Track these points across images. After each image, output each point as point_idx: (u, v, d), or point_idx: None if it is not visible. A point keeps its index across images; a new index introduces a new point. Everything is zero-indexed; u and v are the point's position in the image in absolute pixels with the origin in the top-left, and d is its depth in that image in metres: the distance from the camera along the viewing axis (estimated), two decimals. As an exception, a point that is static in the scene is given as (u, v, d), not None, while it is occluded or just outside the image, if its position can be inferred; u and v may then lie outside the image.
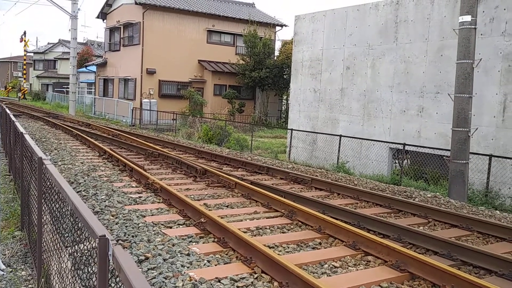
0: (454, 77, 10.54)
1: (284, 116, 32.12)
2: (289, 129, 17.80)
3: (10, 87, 61.16)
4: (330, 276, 4.73)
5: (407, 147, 12.74)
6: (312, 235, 6.02)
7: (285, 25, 36.20)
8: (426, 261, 4.72)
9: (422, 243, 5.87)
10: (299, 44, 18.33)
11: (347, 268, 4.98)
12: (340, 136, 14.78)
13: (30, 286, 4.70)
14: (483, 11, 12.00)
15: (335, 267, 4.97)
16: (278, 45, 35.36)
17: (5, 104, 24.98)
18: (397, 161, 14.27)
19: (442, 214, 7.43)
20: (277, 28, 35.81)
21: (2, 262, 5.12)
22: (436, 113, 13.23)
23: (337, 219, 6.55)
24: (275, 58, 32.13)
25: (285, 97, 33.03)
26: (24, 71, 55.15)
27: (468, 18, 9.89)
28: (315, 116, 17.39)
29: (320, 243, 5.80)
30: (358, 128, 15.56)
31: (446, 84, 12.89)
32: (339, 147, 14.66)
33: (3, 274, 4.94)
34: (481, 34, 11.92)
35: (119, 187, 8.34)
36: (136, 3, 29.60)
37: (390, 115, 14.54)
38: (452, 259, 5.38)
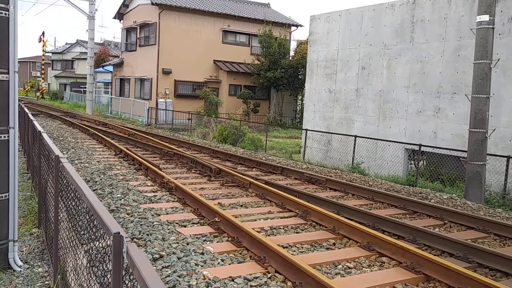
0: (471, 77, 10.41)
1: (299, 116, 32.05)
2: (303, 129, 17.75)
3: (29, 87, 62.03)
4: (344, 276, 4.72)
5: (423, 148, 12.62)
6: (326, 236, 6.01)
7: (301, 25, 36.11)
8: (441, 263, 4.68)
9: (438, 244, 5.81)
10: (314, 44, 18.28)
11: (361, 269, 4.96)
12: (355, 136, 14.69)
13: (46, 282, 4.77)
14: (501, 11, 11.82)
15: (349, 267, 4.96)
16: (293, 45, 35.35)
17: (24, 103, 25.36)
18: (412, 162, 14.14)
19: (458, 215, 7.35)
20: (292, 28, 35.75)
21: (20, 258, 5.20)
22: (453, 114, 13.08)
23: (351, 219, 6.52)
24: (290, 58, 32.07)
25: (300, 97, 32.97)
26: (43, 71, 55.90)
27: (486, 17, 9.77)
28: (330, 116, 17.32)
29: (334, 244, 5.78)
30: (374, 129, 15.46)
31: (463, 84, 12.74)
32: (354, 147, 14.57)
33: (21, 271, 5.02)
34: (499, 34, 11.75)
35: (134, 186, 8.42)
36: (152, 4, 29.80)
37: (406, 115, 14.42)
38: (468, 261, 5.32)
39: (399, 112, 14.66)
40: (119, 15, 35.86)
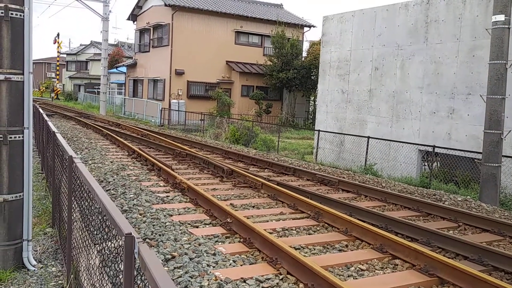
0: (486, 78, 10.29)
1: (311, 117, 31.96)
2: (316, 130, 17.69)
3: (44, 88, 62.74)
4: (356, 279, 4.68)
5: (437, 149, 12.50)
6: (338, 237, 5.97)
7: (313, 26, 36.03)
8: (456, 266, 4.62)
9: (452, 247, 5.75)
10: (327, 45, 18.21)
11: (374, 271, 4.92)
12: (368, 137, 14.60)
13: (59, 282, 4.81)
14: (518, 10, 11.66)
15: (362, 270, 4.92)
16: (306, 46, 35.26)
17: (39, 104, 25.64)
18: (426, 164, 14.01)
19: (473, 218, 7.27)
20: (305, 29, 35.68)
21: (34, 258, 5.24)
22: (468, 115, 12.93)
23: (364, 221, 6.48)
24: (303, 59, 32.00)
25: (312, 98, 32.87)
26: (57, 72, 56.48)
27: (501, 17, 9.65)
28: (343, 117, 17.24)
29: (346, 246, 5.74)
30: (387, 130, 15.35)
31: (478, 85, 12.59)
32: (367, 148, 14.48)
33: (34, 270, 5.07)
34: (515, 34, 11.59)
35: (147, 186, 8.46)
36: (165, 5, 29.96)
37: (420, 116, 14.29)
38: (483, 264, 5.25)
39: (412, 113, 14.54)
40: (133, 17, 36.12)
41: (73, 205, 4.45)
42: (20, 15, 4.87)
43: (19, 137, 5.00)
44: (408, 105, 14.68)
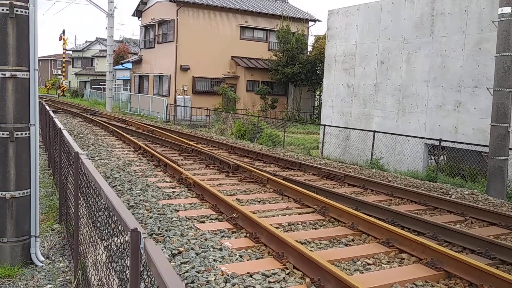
0: (493, 71, 10.21)
1: (317, 111, 31.89)
2: (322, 125, 17.65)
3: (50, 85, 62.96)
4: (363, 273, 4.68)
5: (443, 143, 12.44)
6: (345, 232, 5.97)
7: (318, 20, 35.89)
8: (462, 259, 4.61)
9: (459, 241, 5.73)
10: (332, 39, 18.14)
11: (381, 266, 4.92)
12: (374, 131, 14.55)
13: (67, 277, 4.84)
14: (525, 2, 11.55)
15: (368, 264, 4.91)
16: (311, 40, 35.13)
17: (45, 101, 25.74)
18: (432, 157, 13.96)
19: (480, 211, 7.23)
20: (310, 23, 35.54)
21: (42, 254, 5.28)
22: (474, 108, 12.85)
23: (370, 215, 6.47)
24: (308, 53, 31.90)
25: (318, 92, 32.79)
26: (63, 69, 56.69)
27: (508, 9, 9.56)
28: (349, 111, 17.19)
29: (353, 240, 5.74)
30: (393, 124, 15.29)
31: (484, 78, 12.51)
32: (373, 143, 14.44)
33: (42, 266, 5.10)
34: (523, 26, 11.48)
35: (153, 182, 8.48)
36: (170, 1, 29.93)
37: (426, 110, 14.22)
38: (490, 258, 5.23)
39: (418, 107, 14.47)
40: (138, 13, 36.13)
41: (80, 201, 4.48)
42: (25, 12, 4.88)
43: (25, 134, 5.02)
44: (414, 98, 14.61)
